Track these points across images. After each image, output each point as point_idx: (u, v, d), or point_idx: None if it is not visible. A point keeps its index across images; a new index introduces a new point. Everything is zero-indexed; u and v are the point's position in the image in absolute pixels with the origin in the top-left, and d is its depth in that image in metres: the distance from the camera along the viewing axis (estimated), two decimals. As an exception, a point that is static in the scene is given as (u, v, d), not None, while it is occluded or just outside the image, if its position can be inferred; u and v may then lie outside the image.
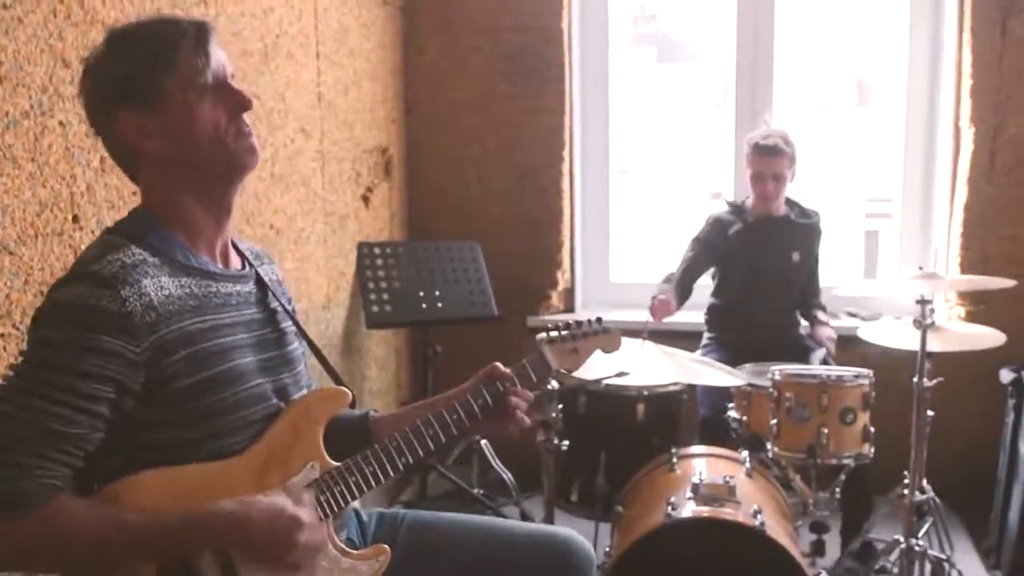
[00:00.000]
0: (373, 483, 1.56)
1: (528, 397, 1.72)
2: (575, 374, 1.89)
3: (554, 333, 1.79)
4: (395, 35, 3.85)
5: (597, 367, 2.22)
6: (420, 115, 3.98)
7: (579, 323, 1.81)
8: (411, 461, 1.60)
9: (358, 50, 3.47)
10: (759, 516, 2.31)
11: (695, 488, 2.43)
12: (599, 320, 1.83)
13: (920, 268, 2.82)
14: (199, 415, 1.44)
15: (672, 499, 2.39)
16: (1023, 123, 3.54)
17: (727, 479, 2.43)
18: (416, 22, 3.93)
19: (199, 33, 1.48)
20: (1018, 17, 3.51)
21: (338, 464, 1.55)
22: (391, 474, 1.58)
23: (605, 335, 1.84)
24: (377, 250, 3.45)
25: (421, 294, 3.43)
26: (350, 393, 1.63)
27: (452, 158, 3.98)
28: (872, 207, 8.22)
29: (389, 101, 3.80)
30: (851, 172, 8.16)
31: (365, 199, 3.58)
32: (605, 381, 2.82)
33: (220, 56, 1.50)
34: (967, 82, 3.59)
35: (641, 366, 2.75)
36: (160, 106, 1.45)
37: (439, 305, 3.44)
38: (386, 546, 1.62)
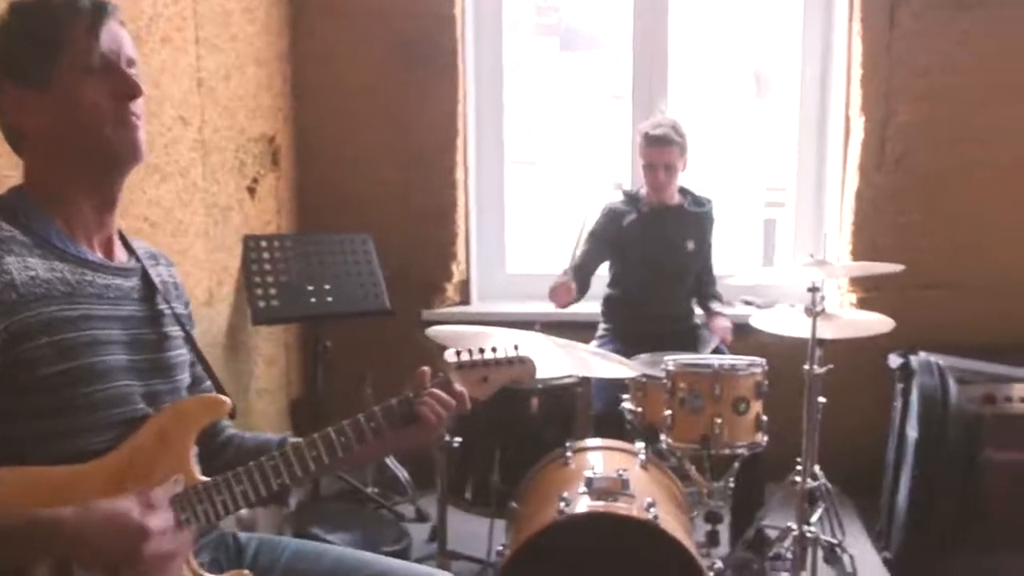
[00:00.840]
0: (243, 503, 1.44)
1: (450, 405, 1.61)
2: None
3: (464, 357, 1.68)
4: (281, 19, 3.71)
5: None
6: (309, 102, 3.84)
7: (494, 349, 1.71)
8: (291, 481, 1.47)
9: (241, 34, 3.31)
10: (653, 509, 2.28)
11: (589, 483, 2.38)
12: (515, 348, 1.74)
13: (811, 256, 2.83)
14: (57, 408, 1.34)
15: (565, 494, 2.34)
16: (912, 112, 3.60)
17: (621, 472, 2.39)
18: (304, 6, 3.79)
19: (95, 13, 1.42)
20: (906, 7, 3.57)
21: (206, 480, 1.43)
22: (264, 494, 1.45)
23: (520, 366, 1.74)
24: (264, 243, 3.32)
25: (311, 288, 3.31)
26: (229, 401, 1.51)
27: (343, 147, 3.86)
28: (771, 196, 8.37)
29: (276, 87, 3.65)
30: (749, 162, 8.29)
31: (251, 190, 3.43)
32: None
33: (119, 39, 1.44)
34: (857, 72, 3.64)
35: (535, 358, 2.69)
36: (43, 85, 1.40)
37: (329, 299, 3.32)
38: (248, 572, 1.52)
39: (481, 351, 1.70)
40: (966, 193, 3.63)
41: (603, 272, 3.50)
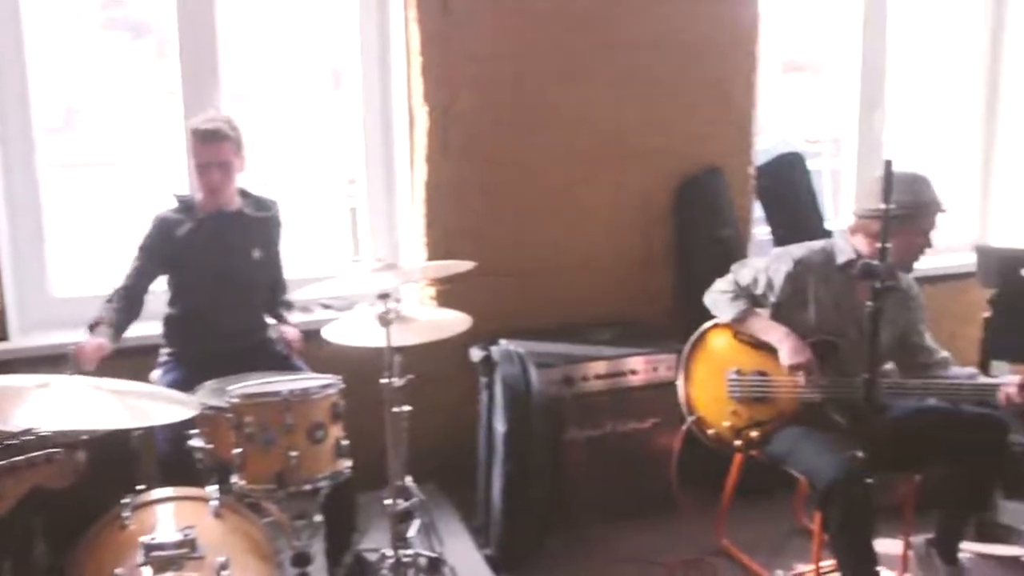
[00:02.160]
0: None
1: None
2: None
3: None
4: None
5: None
6: None
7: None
8: None
9: None
10: (225, 572, 1.98)
11: (148, 551, 2.02)
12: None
13: (379, 260, 2.65)
14: None
15: (120, 571, 2.00)
16: (471, 99, 3.58)
17: (187, 532, 2.07)
18: None
19: None
20: (459, -6, 3.52)
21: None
22: None
23: (48, 467, 1.23)
24: None
25: None
26: None
27: None
28: (352, 189, 8.22)
29: None
30: (329, 157, 8.08)
31: None
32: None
33: None
34: (416, 60, 3.53)
35: (74, 408, 2.23)
36: None
37: None
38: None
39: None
40: (530, 178, 3.70)
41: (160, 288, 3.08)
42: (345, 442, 2.39)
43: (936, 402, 2.96)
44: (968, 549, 3.12)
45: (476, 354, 3.32)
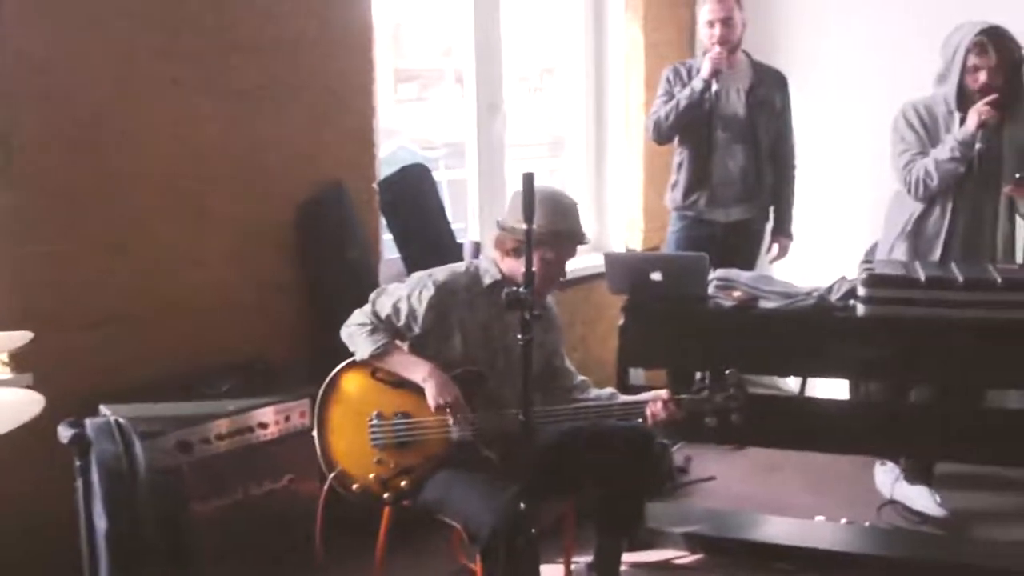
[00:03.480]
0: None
1: None
2: None
3: None
4: None
5: None
6: None
7: None
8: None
9: None
10: None
11: None
12: None
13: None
14: None
15: None
16: (36, 117, 2.91)
17: None
18: None
19: None
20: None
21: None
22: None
23: None
24: None
25: None
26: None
27: None
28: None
29: None
30: None
31: None
32: None
33: None
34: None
35: None
36: None
37: None
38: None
39: None
40: (116, 209, 3.09)
41: None
42: None
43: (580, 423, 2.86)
44: (624, 562, 3.08)
45: (64, 432, 2.68)
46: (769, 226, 4.28)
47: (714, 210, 4.09)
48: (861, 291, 3.14)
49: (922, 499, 3.67)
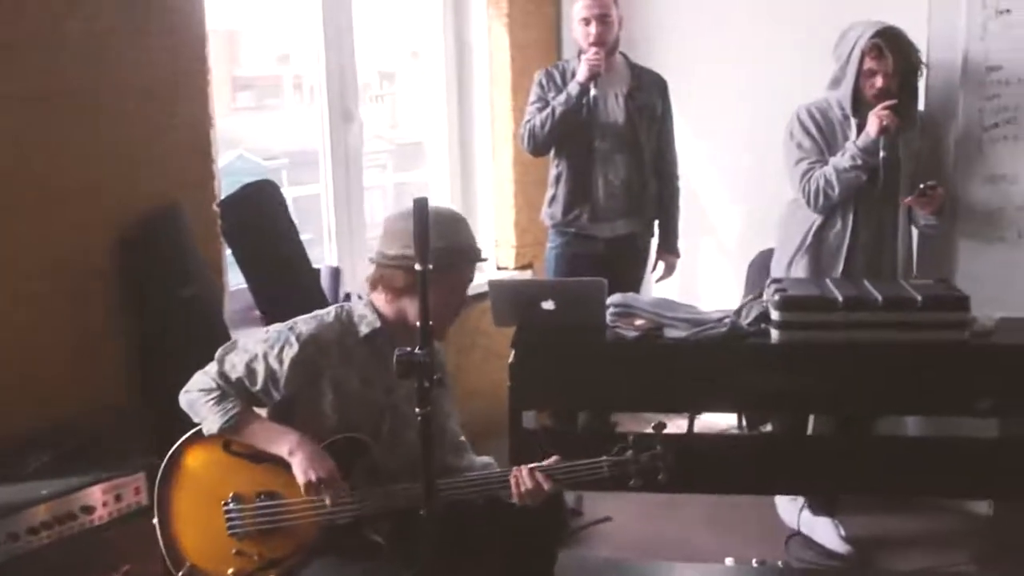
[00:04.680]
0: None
1: None
2: None
3: None
4: None
5: None
6: None
7: None
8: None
9: None
10: None
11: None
12: None
13: None
14: None
15: None
16: None
17: None
18: None
19: None
20: None
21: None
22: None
23: None
24: None
25: None
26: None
27: None
28: None
29: None
30: None
31: None
32: None
33: None
34: None
35: None
36: None
37: None
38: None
39: None
40: None
41: None
42: None
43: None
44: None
45: None
46: (655, 242, 3.97)
47: (597, 225, 3.75)
48: (775, 315, 2.86)
49: (827, 534, 3.45)
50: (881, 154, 3.15)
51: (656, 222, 3.92)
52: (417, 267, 1.80)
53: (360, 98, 3.95)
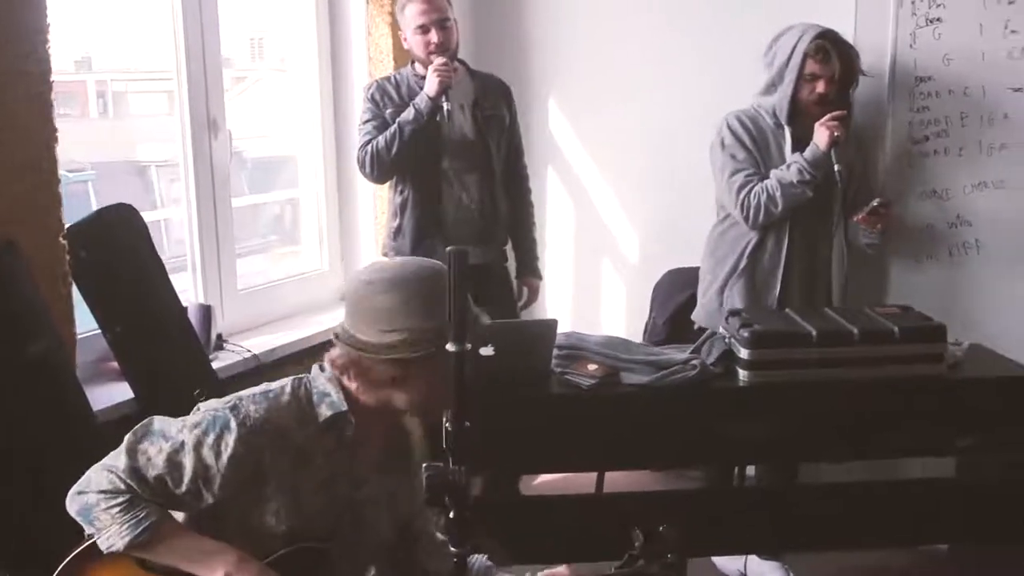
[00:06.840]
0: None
1: None
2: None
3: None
4: None
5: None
6: None
7: None
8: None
9: None
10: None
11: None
12: None
13: None
14: None
15: None
16: None
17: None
18: None
19: None
20: None
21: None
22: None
23: None
24: None
25: None
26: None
27: None
28: None
29: None
30: None
31: None
32: None
33: None
34: None
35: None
36: None
37: None
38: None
39: None
40: None
41: None
42: None
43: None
44: None
45: None
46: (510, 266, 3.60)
47: (454, 255, 3.31)
48: (744, 353, 2.55)
49: (775, 579, 3.19)
50: (836, 167, 2.92)
51: (510, 245, 3.56)
52: (450, 347, 1.35)
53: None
